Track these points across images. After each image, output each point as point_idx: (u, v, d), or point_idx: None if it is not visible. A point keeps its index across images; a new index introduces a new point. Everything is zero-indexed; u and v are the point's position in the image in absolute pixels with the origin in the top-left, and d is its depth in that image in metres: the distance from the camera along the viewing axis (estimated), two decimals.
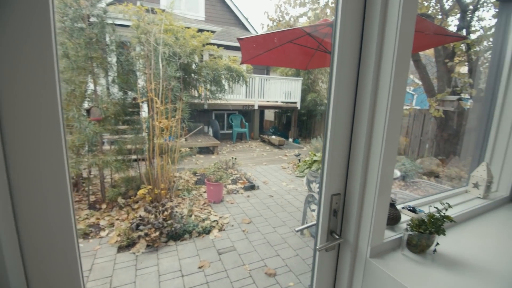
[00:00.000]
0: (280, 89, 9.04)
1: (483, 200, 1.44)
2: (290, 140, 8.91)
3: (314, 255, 1.01)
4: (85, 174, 3.71)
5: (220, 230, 3.16)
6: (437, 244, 0.96)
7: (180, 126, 3.90)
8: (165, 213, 3.04)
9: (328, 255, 1.00)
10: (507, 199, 1.56)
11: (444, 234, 0.93)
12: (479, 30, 5.04)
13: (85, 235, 2.92)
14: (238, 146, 7.88)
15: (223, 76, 6.75)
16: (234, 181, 4.69)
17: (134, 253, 2.68)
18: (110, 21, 3.45)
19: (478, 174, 1.49)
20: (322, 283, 1.03)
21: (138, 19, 4.12)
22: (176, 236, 2.94)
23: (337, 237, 0.95)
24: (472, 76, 5.02)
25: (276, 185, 4.79)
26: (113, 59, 3.76)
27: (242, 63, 3.60)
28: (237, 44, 3.34)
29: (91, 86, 3.46)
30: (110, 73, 3.76)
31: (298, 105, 8.99)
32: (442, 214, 0.96)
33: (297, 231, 0.94)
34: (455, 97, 4.84)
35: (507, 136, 1.54)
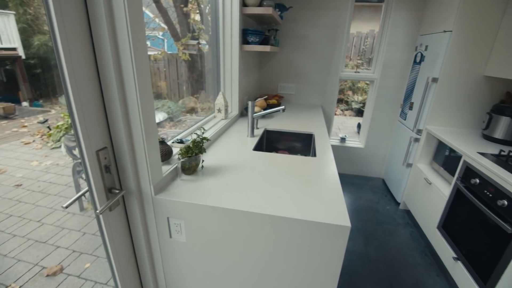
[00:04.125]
0: None
1: (225, 120, 1.93)
2: (25, 104, 6.45)
3: (98, 220, 0.90)
4: None
5: None
6: (203, 161, 1.19)
7: None
8: None
9: (115, 213, 0.93)
10: (238, 115, 2.21)
11: (205, 152, 1.16)
12: None
13: None
14: None
15: None
16: None
17: None
18: None
19: (219, 102, 1.94)
20: (118, 243, 0.97)
21: None
22: None
23: (117, 191, 0.89)
24: (203, 23, 6.02)
25: (23, 168, 3.49)
26: None
27: None
28: None
29: None
30: None
31: (21, 53, 6.37)
32: (201, 137, 1.17)
33: (66, 207, 0.77)
34: (195, 42, 5.66)
35: (229, 71, 2.08)
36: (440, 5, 2.25)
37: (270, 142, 2.02)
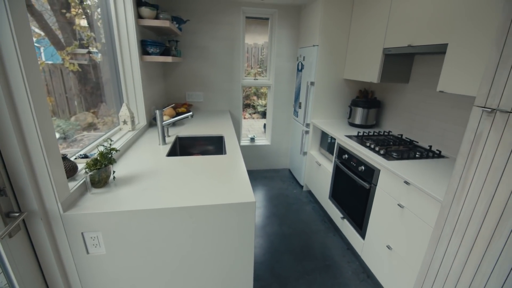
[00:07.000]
0: None
1: (133, 132, 1.90)
2: None
3: None
4: None
5: None
6: (114, 172, 1.20)
7: None
8: None
9: (16, 239, 0.86)
10: (147, 126, 2.19)
11: (115, 162, 1.17)
12: None
13: None
14: None
15: None
16: None
17: None
18: None
19: (123, 113, 1.89)
20: (24, 273, 0.89)
21: None
22: None
23: (17, 214, 0.83)
24: (93, 30, 5.41)
25: None
26: None
27: None
28: None
29: None
30: None
31: None
32: (109, 148, 1.18)
33: None
34: (84, 50, 5.04)
35: (132, 82, 2.05)
36: (309, 24, 2.86)
37: (183, 148, 2.11)
